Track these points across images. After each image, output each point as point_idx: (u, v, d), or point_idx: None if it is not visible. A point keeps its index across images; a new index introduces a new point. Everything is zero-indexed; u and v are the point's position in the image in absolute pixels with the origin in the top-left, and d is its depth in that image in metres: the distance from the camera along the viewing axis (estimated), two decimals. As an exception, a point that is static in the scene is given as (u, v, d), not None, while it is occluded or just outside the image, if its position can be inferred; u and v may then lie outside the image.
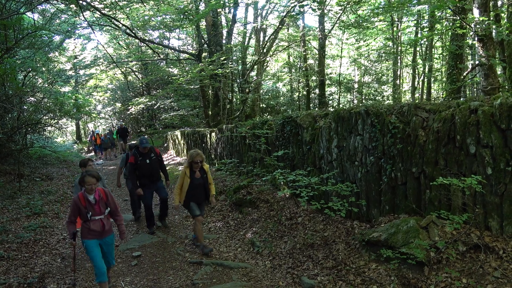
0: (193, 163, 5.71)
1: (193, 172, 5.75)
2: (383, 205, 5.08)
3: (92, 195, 4.27)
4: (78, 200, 4.25)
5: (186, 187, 5.70)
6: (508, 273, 3.52)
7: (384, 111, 5.07)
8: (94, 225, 4.28)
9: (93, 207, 4.27)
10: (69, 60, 22.62)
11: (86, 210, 4.23)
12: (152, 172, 6.93)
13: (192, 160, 5.71)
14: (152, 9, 14.51)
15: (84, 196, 4.25)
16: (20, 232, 6.67)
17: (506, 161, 3.81)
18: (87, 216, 4.25)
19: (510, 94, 4.17)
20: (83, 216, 4.27)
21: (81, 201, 4.24)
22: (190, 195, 5.72)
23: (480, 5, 6.93)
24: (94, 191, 4.28)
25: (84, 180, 4.21)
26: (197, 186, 5.75)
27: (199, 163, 5.71)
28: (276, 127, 7.65)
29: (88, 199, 4.25)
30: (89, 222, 4.27)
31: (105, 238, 4.42)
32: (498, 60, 7.21)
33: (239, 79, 17.73)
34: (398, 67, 18.57)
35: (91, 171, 4.39)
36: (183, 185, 5.73)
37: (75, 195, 4.92)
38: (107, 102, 29.17)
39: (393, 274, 3.97)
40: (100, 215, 4.34)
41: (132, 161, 6.82)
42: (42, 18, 13.76)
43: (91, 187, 4.22)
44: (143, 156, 6.84)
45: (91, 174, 4.26)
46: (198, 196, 5.82)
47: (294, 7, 12.60)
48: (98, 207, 4.31)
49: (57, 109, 13.25)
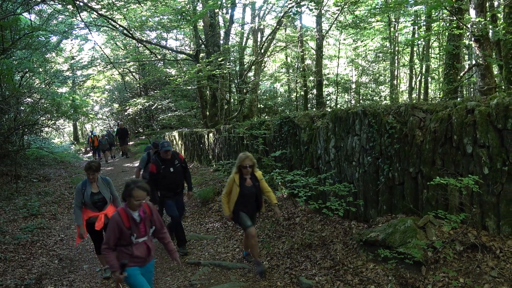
0: (241, 167, 4.84)
1: (243, 179, 4.87)
2: (380, 205, 5.09)
3: (137, 212, 3.40)
4: (120, 219, 3.31)
5: (234, 197, 4.83)
6: (505, 272, 3.53)
7: (381, 111, 5.09)
8: (138, 250, 3.40)
9: (138, 227, 3.39)
10: (66, 61, 22.55)
11: (130, 231, 3.33)
12: (177, 182, 5.84)
13: (240, 164, 4.83)
14: (150, 9, 14.50)
15: (128, 213, 3.35)
16: (17, 234, 6.65)
17: (503, 161, 3.82)
18: (130, 239, 3.34)
19: (506, 94, 4.18)
20: (125, 240, 3.35)
21: (124, 221, 3.32)
22: (239, 205, 4.85)
23: (477, 6, 6.95)
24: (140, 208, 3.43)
25: (131, 194, 3.30)
26: (248, 196, 4.84)
27: (248, 168, 4.81)
28: (273, 128, 7.65)
29: (133, 217, 3.36)
30: (131, 247, 3.37)
31: (147, 264, 3.56)
32: (494, 60, 7.23)
33: (237, 79, 17.72)
34: (395, 67, 18.62)
35: (139, 182, 3.43)
36: (232, 194, 4.88)
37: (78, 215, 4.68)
38: (104, 103, 29.11)
39: (391, 274, 3.97)
40: (145, 237, 3.46)
41: (154, 170, 5.66)
42: (39, 18, 13.74)
43: (140, 203, 3.35)
44: (165, 163, 5.71)
45: (141, 186, 3.33)
46: (249, 207, 4.92)
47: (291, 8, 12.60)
48: (144, 226, 3.44)
49: (54, 110, 13.22)
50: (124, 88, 24.90)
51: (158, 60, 20.66)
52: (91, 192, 4.85)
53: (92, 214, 4.89)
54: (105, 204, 4.97)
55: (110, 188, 5.03)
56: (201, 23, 15.30)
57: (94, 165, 4.90)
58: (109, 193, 5.00)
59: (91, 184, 4.89)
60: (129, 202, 3.33)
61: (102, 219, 4.87)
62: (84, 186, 4.87)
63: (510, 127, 3.77)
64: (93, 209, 4.89)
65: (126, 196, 3.33)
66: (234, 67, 18.24)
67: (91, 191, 4.86)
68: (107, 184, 5.02)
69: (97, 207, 4.89)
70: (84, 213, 4.89)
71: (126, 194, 3.33)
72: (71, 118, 20.19)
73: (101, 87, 28.61)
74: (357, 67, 21.97)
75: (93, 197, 4.85)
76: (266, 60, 20.95)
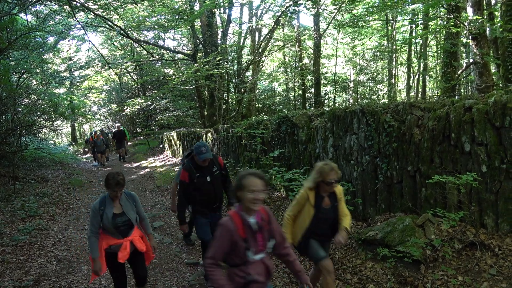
0: (324, 183, 3.41)
1: (320, 198, 3.48)
2: (379, 203, 5.09)
3: (254, 217, 2.47)
4: (234, 226, 2.40)
5: (305, 221, 3.48)
6: (504, 270, 3.54)
7: (379, 110, 5.08)
8: (255, 269, 2.45)
9: (255, 239, 2.46)
10: (64, 62, 22.51)
11: (246, 244, 2.41)
12: (215, 196, 4.55)
13: (323, 179, 3.39)
14: (147, 9, 14.47)
15: (243, 219, 2.44)
16: (15, 235, 6.62)
17: (501, 158, 3.82)
18: (245, 256, 2.42)
19: (504, 92, 4.19)
20: (238, 256, 2.43)
21: (239, 230, 2.41)
22: (310, 232, 3.51)
23: (474, 4, 6.96)
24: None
25: (242, 186, 2.41)
26: (324, 221, 3.51)
27: (333, 184, 3.42)
28: (271, 127, 7.65)
29: (249, 224, 2.45)
30: (246, 267, 2.43)
31: None
32: (492, 58, 7.24)
33: (235, 79, 17.72)
34: (393, 66, 18.65)
35: (252, 170, 2.58)
36: (301, 216, 3.53)
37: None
38: (102, 103, 29.05)
39: (390, 273, 3.97)
40: (263, 252, 2.52)
41: (186, 179, 4.41)
42: (35, 19, 13.69)
43: (256, 197, 2.39)
44: (201, 170, 4.43)
45: (256, 174, 2.46)
46: (323, 233, 3.58)
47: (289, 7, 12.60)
48: (262, 237, 2.50)
49: (52, 111, 13.15)
50: (120, 89, 24.83)
51: (155, 60, 20.64)
52: (112, 213, 3.64)
53: (114, 241, 3.67)
54: (131, 228, 3.77)
55: (136, 207, 3.84)
56: (199, 23, 15.30)
57: (121, 178, 3.67)
58: (135, 213, 3.81)
59: (112, 202, 3.69)
60: (243, 201, 2.43)
61: (128, 248, 3.69)
62: (103, 205, 3.64)
63: (508, 125, 3.77)
64: (115, 234, 3.67)
65: (238, 191, 2.45)
66: (232, 67, 18.23)
67: (113, 212, 3.65)
68: (132, 201, 3.82)
69: (120, 232, 3.68)
70: (102, 241, 3.65)
71: (236, 187, 2.46)
72: (68, 119, 20.13)
73: (98, 88, 28.56)
74: (355, 66, 21.99)
75: (115, 220, 3.64)
76: (264, 60, 20.95)
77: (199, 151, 4.31)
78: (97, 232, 3.64)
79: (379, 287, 3.87)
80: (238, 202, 2.50)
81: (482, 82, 7.12)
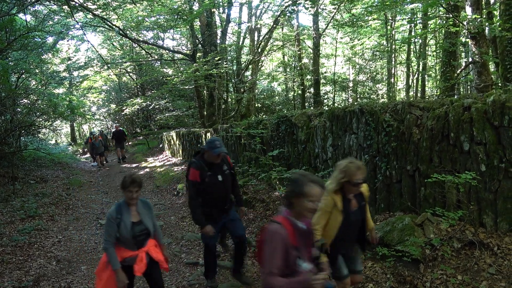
0: (350, 185, 2.99)
1: (347, 201, 3.08)
2: (378, 203, 5.09)
3: (303, 223, 2.30)
4: (285, 232, 2.19)
5: (333, 230, 3.05)
6: (503, 269, 3.54)
7: (378, 110, 5.09)
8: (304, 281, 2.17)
9: (305, 246, 2.29)
10: (63, 62, 22.49)
11: (298, 253, 2.22)
12: (226, 195, 4.28)
13: (349, 179, 2.96)
14: (146, 9, 14.46)
15: (294, 225, 2.25)
16: (14, 235, 6.61)
17: (500, 157, 3.83)
18: (295, 265, 2.21)
19: (503, 91, 4.19)
20: (288, 267, 2.18)
21: (290, 237, 2.20)
22: (340, 240, 3.08)
23: (473, 3, 6.97)
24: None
25: (302, 193, 2.18)
26: (352, 225, 3.13)
27: (360, 185, 3.04)
28: (271, 127, 7.65)
29: (302, 231, 2.28)
30: (294, 277, 2.17)
31: None
32: (491, 57, 7.25)
33: (234, 79, 17.71)
34: (392, 65, 18.65)
35: (309, 174, 2.31)
36: (328, 226, 3.05)
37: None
38: (101, 103, 29.03)
39: (389, 272, 3.98)
40: (310, 262, 2.32)
41: (197, 178, 4.06)
42: (34, 19, 13.67)
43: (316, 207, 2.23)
44: (212, 169, 4.12)
45: (316, 181, 2.23)
46: (349, 240, 3.22)
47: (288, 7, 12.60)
48: (310, 244, 2.37)
49: (51, 111, 13.16)
50: (119, 89, 24.82)
51: (155, 60, 20.63)
52: (131, 222, 3.34)
53: (129, 253, 3.38)
54: (148, 237, 3.48)
55: (151, 215, 3.56)
56: (198, 23, 15.28)
57: (138, 178, 3.39)
58: (152, 221, 3.53)
59: (129, 209, 3.38)
60: (296, 207, 2.23)
61: (144, 259, 3.41)
62: (120, 213, 3.32)
63: (506, 124, 3.78)
64: (131, 246, 3.37)
65: (294, 197, 2.22)
66: (231, 67, 18.21)
67: (131, 220, 3.36)
68: (148, 209, 3.53)
69: (137, 243, 3.39)
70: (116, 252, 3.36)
71: (293, 193, 2.21)
72: (68, 119, 20.11)
73: (98, 88, 28.55)
74: (354, 66, 21.99)
75: (134, 228, 3.34)
76: (263, 59, 20.94)
77: (213, 145, 3.99)
78: (113, 242, 3.32)
79: (379, 286, 3.87)
80: (287, 207, 2.30)
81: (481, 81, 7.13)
